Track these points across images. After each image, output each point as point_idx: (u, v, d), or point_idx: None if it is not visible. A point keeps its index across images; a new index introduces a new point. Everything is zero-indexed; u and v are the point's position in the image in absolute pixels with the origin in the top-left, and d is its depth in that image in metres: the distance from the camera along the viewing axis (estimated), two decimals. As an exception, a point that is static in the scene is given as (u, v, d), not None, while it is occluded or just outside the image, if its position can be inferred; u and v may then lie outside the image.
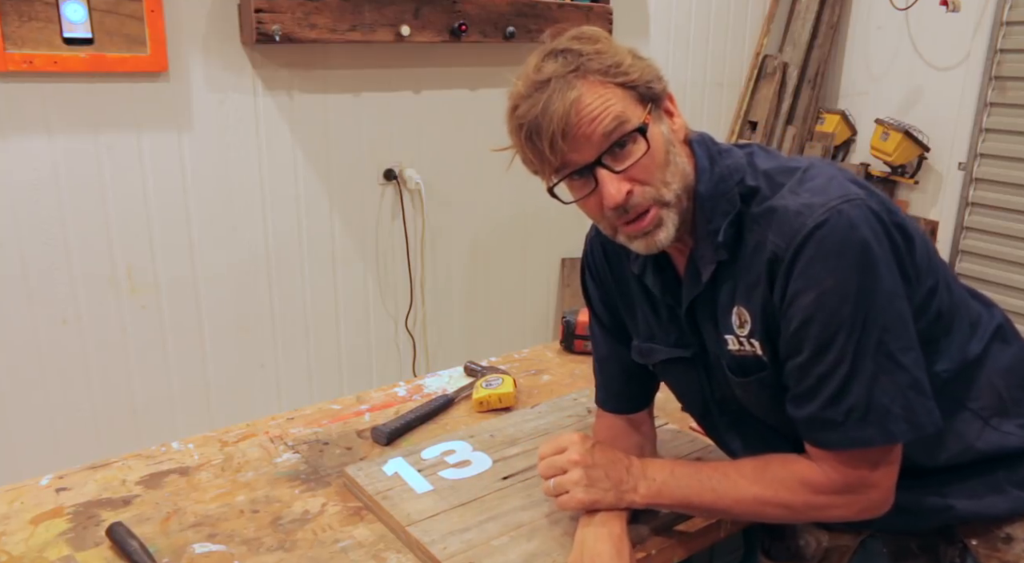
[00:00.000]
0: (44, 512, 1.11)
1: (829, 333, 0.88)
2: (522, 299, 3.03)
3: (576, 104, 0.90)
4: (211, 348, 2.36)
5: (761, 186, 0.95)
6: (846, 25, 3.42)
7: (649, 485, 1.00)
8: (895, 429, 0.88)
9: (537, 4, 2.57)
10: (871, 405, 0.88)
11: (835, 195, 0.88)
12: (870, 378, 0.87)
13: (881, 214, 0.89)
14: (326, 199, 2.47)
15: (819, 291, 0.87)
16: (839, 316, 0.87)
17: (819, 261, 0.87)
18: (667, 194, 0.94)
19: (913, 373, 0.89)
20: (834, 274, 0.86)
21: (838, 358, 0.88)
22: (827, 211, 0.87)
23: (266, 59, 2.26)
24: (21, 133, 1.97)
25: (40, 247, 2.05)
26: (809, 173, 0.93)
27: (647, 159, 0.92)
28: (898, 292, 0.88)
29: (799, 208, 0.89)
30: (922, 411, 0.89)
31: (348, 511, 1.12)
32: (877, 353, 0.87)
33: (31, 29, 1.89)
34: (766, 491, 0.95)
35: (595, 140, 0.91)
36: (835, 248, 0.86)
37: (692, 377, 1.09)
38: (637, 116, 0.92)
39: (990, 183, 3.04)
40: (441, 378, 1.57)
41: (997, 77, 2.95)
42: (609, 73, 0.91)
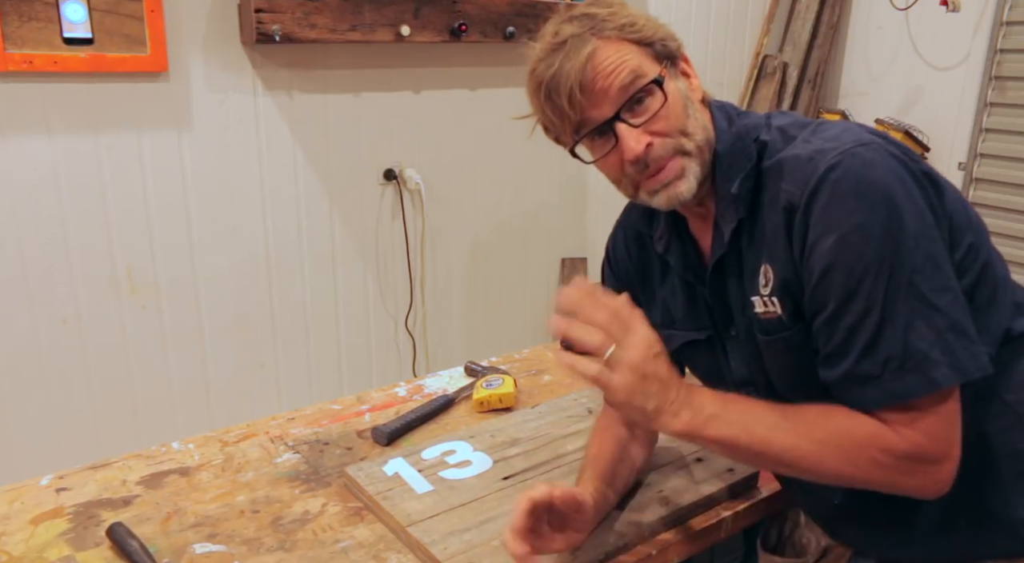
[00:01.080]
0: (44, 512, 1.11)
1: (854, 279, 0.83)
2: (522, 299, 3.03)
3: (592, 58, 0.91)
4: (211, 348, 2.36)
5: (774, 139, 0.94)
6: (846, 25, 3.41)
7: (695, 415, 0.88)
8: (937, 374, 0.82)
9: (537, 4, 2.57)
10: (908, 352, 0.82)
11: (849, 140, 0.86)
12: (904, 323, 0.82)
13: (902, 157, 0.86)
14: (326, 199, 2.47)
15: (838, 234, 0.83)
16: (863, 259, 0.82)
17: (836, 203, 0.84)
18: (688, 144, 0.94)
19: (951, 315, 0.83)
20: (853, 215, 0.82)
21: (866, 306, 0.83)
22: (840, 154, 0.84)
23: (266, 59, 2.26)
24: (21, 133, 1.97)
25: (40, 247, 2.05)
26: (824, 125, 0.92)
27: (665, 111, 0.92)
28: (927, 232, 0.83)
29: (810, 154, 0.87)
30: (965, 354, 0.83)
31: (348, 511, 1.12)
32: (909, 296, 0.82)
33: (31, 29, 1.89)
34: (829, 440, 0.86)
35: (612, 94, 0.91)
36: (852, 188, 0.83)
37: (712, 360, 1.07)
38: (653, 70, 0.93)
39: (990, 183, 3.04)
40: (441, 378, 1.57)
41: (997, 77, 2.95)
42: (624, 30, 0.93)
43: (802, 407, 0.90)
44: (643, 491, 1.13)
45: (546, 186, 2.88)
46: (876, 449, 0.85)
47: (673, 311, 1.09)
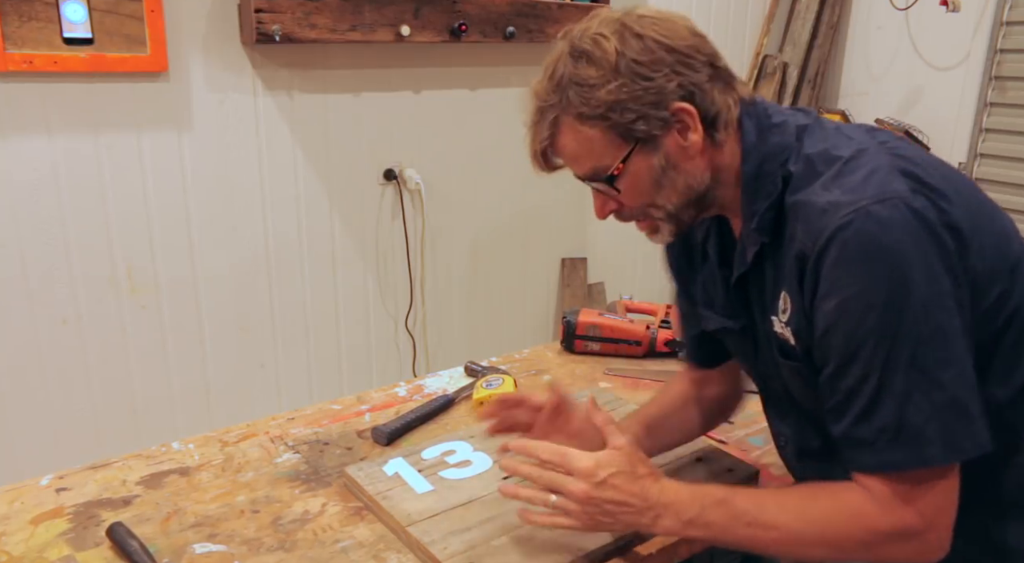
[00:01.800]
0: (44, 512, 1.11)
1: (854, 344, 0.82)
2: (522, 299, 3.03)
3: (553, 147, 0.95)
4: (211, 348, 2.36)
5: (799, 172, 0.90)
6: (846, 25, 3.41)
7: (673, 522, 0.92)
8: (930, 452, 0.81)
9: (537, 4, 2.57)
10: (902, 424, 0.81)
11: (868, 194, 0.82)
12: (901, 395, 0.81)
13: (925, 213, 0.81)
14: (326, 199, 2.47)
15: (841, 297, 0.82)
16: (864, 326, 0.81)
17: (842, 265, 0.81)
18: (656, 213, 0.96)
19: (951, 391, 0.81)
20: (858, 280, 0.81)
21: (865, 371, 0.82)
22: (853, 212, 0.81)
23: (266, 59, 2.26)
24: (21, 133, 1.97)
25: (40, 247, 2.05)
26: (851, 165, 0.86)
27: (625, 196, 0.95)
28: (939, 301, 0.80)
29: (825, 206, 0.84)
30: (962, 433, 0.81)
31: (348, 511, 1.12)
32: (910, 368, 0.80)
33: (31, 29, 1.89)
34: (811, 529, 0.87)
35: (575, 170, 0.96)
36: (859, 251, 0.80)
37: (743, 349, 1.07)
38: (613, 160, 0.92)
39: (990, 183, 3.03)
40: (441, 378, 1.57)
41: (997, 77, 2.95)
42: (585, 117, 0.91)
43: (783, 494, 0.92)
44: (643, 491, 1.13)
45: (546, 186, 2.87)
46: (860, 530, 0.85)
47: (713, 294, 1.09)
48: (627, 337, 1.65)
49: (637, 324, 1.67)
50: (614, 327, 1.66)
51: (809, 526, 0.87)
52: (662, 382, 1.54)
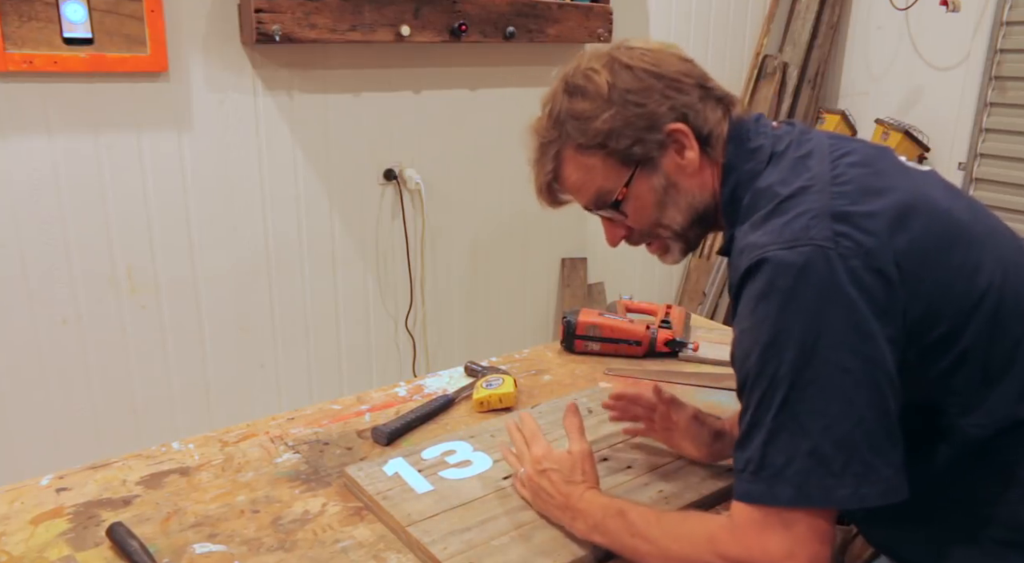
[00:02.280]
0: (44, 512, 1.11)
1: (742, 376, 0.87)
2: (522, 299, 3.03)
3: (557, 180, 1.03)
4: (211, 348, 2.36)
5: (746, 204, 0.96)
6: (846, 25, 3.42)
7: (583, 524, 1.00)
8: (780, 492, 0.82)
9: (537, 4, 2.57)
10: (763, 461, 0.84)
11: (784, 238, 0.84)
12: (768, 433, 0.83)
13: (842, 260, 0.81)
14: (326, 199, 2.47)
15: (739, 330, 0.88)
16: (748, 361, 0.85)
17: (745, 302, 0.87)
18: (664, 232, 1.02)
19: (817, 441, 0.81)
20: (751, 318, 0.85)
21: (747, 403, 0.87)
22: (762, 254, 0.85)
23: (266, 59, 2.26)
24: (21, 133, 1.97)
25: (40, 247, 2.05)
26: (784, 206, 0.89)
27: (631, 219, 1.02)
28: (825, 353, 0.80)
29: (744, 246, 0.89)
30: (816, 483, 0.81)
31: (348, 511, 1.12)
32: (781, 410, 0.82)
33: (31, 29, 1.89)
34: (675, 547, 0.90)
35: (580, 201, 1.04)
36: (756, 292, 0.84)
37: None
38: (617, 185, 0.99)
39: (990, 183, 3.04)
40: (441, 378, 1.57)
41: (997, 77, 2.95)
42: (584, 147, 0.99)
43: (669, 513, 0.99)
44: (642, 491, 1.13)
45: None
46: (711, 553, 0.87)
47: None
48: (627, 337, 1.65)
49: (637, 324, 1.67)
50: (614, 327, 1.66)
51: (674, 543, 0.91)
52: (662, 382, 1.54)
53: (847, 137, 1.01)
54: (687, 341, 1.67)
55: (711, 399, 1.46)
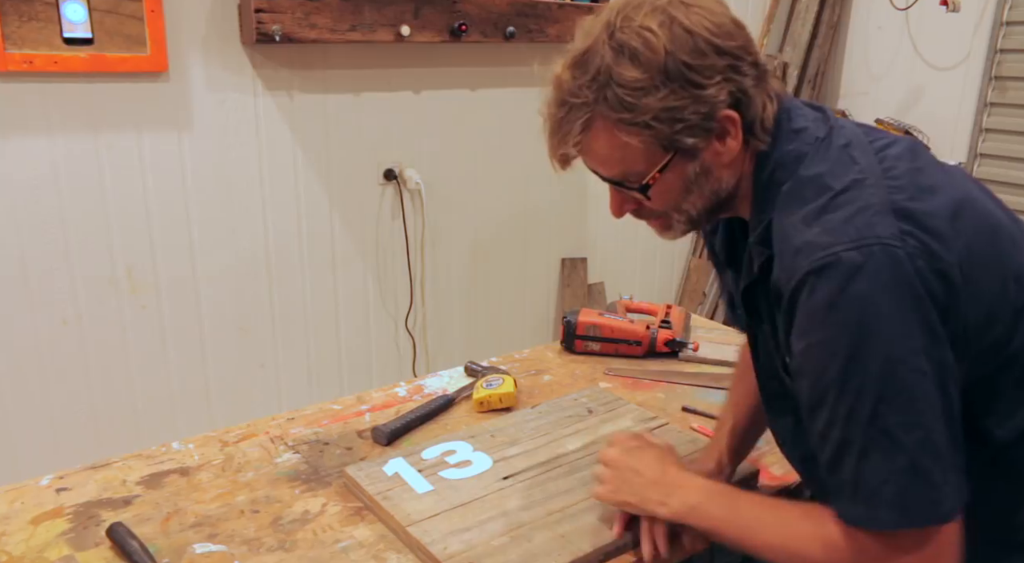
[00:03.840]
0: (44, 512, 1.11)
1: (818, 391, 0.80)
2: (522, 299, 3.03)
3: (582, 146, 0.88)
4: (211, 348, 2.36)
5: (787, 192, 0.86)
6: (846, 25, 3.41)
7: (679, 505, 0.96)
8: (883, 515, 0.78)
9: (537, 4, 2.57)
10: (858, 483, 0.79)
11: (847, 237, 0.77)
12: (860, 452, 0.78)
13: (908, 261, 0.76)
14: (326, 199, 2.47)
15: (807, 343, 0.80)
16: (827, 375, 0.78)
17: (810, 313, 0.79)
18: (677, 217, 0.93)
19: (913, 455, 0.76)
20: (824, 329, 0.78)
21: (829, 420, 0.80)
22: (827, 256, 0.77)
23: (266, 59, 2.26)
24: (21, 133, 1.97)
25: (40, 247, 2.05)
26: (839, 199, 0.81)
27: (653, 202, 0.91)
28: (908, 359, 0.76)
29: (801, 245, 0.80)
30: (918, 501, 0.77)
31: (348, 511, 1.12)
32: (870, 426, 0.77)
33: (31, 29, 1.89)
34: (790, 543, 0.87)
35: (599, 171, 0.91)
36: (827, 299, 0.77)
37: (750, 341, 1.05)
38: (649, 168, 0.87)
39: (990, 183, 3.03)
40: (441, 378, 1.57)
41: (997, 77, 2.94)
42: (625, 122, 0.83)
43: (784, 505, 0.92)
44: (643, 491, 1.13)
45: (546, 186, 2.88)
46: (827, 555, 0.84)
47: (731, 289, 1.07)
48: (627, 337, 1.65)
49: (637, 324, 1.67)
50: (614, 327, 1.66)
51: (791, 541, 0.88)
52: (662, 382, 1.55)
53: (874, 127, 0.94)
54: (687, 341, 1.67)
55: (711, 399, 1.46)
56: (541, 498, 1.11)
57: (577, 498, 1.11)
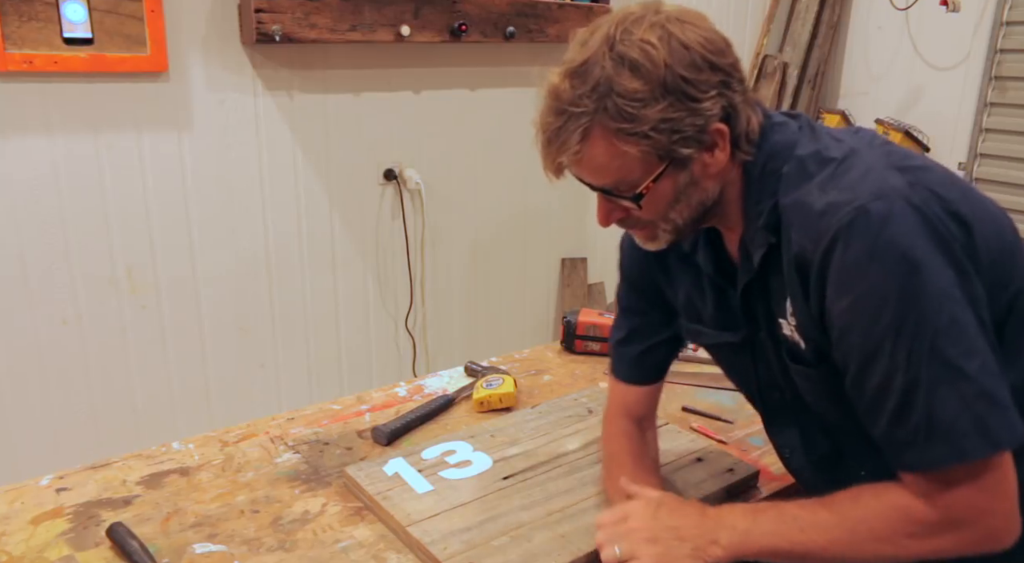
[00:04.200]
0: (44, 512, 1.11)
1: (872, 342, 0.81)
2: (522, 299, 3.03)
3: (577, 155, 0.88)
4: (211, 348, 2.36)
5: (791, 172, 0.89)
6: (846, 25, 3.41)
7: (731, 534, 0.91)
8: (968, 445, 0.79)
9: (537, 4, 2.57)
10: (933, 421, 0.80)
11: (865, 191, 0.81)
12: (928, 390, 0.79)
13: (925, 206, 0.81)
14: (326, 199, 2.47)
15: (853, 297, 0.81)
16: (880, 322, 0.80)
17: (850, 265, 0.81)
18: (663, 226, 0.94)
19: (980, 381, 0.79)
20: (868, 277, 0.80)
21: (889, 369, 0.81)
22: (854, 210, 0.80)
23: (266, 59, 2.26)
24: (21, 133, 1.97)
25: (40, 247, 2.05)
26: (844, 165, 0.86)
27: (643, 211, 0.92)
28: (950, 292, 0.79)
29: (824, 207, 0.83)
30: (997, 423, 0.79)
31: (348, 511, 1.12)
32: (932, 361, 0.79)
33: (31, 29, 1.89)
34: (860, 527, 0.86)
35: (592, 180, 0.91)
36: (865, 249, 0.79)
37: (741, 361, 1.06)
38: (643, 177, 0.88)
39: (990, 183, 3.03)
40: (441, 378, 1.57)
41: (997, 77, 2.94)
42: (624, 132, 0.85)
43: (830, 498, 0.90)
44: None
45: (546, 186, 2.86)
46: (908, 523, 0.84)
47: (701, 309, 1.07)
48: (627, 337, 1.65)
49: (637, 324, 1.67)
50: (614, 327, 1.66)
51: (859, 525, 0.86)
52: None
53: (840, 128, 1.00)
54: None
55: (711, 399, 1.47)
56: (541, 498, 1.11)
57: (577, 498, 1.11)
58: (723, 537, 0.91)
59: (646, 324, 1.16)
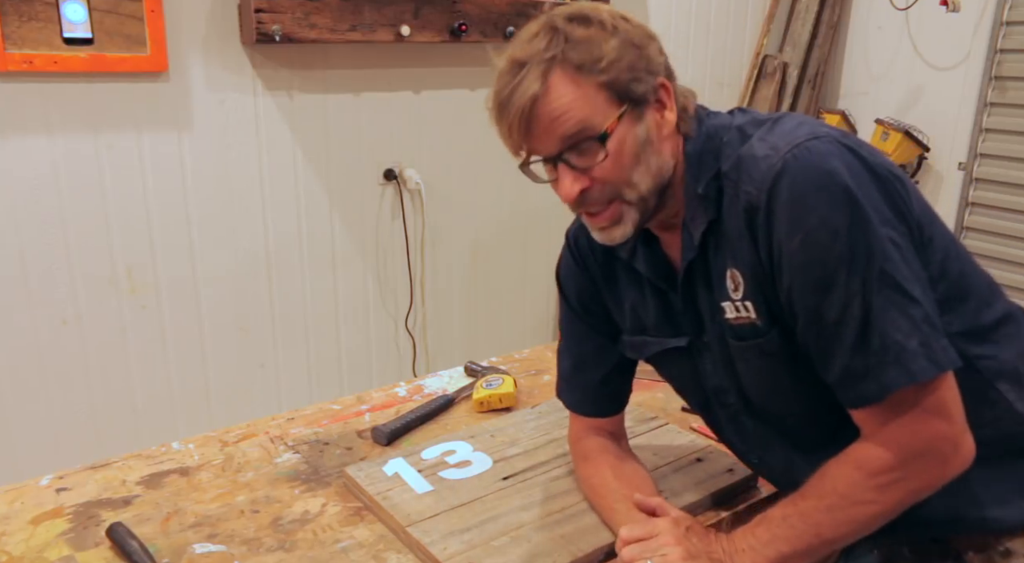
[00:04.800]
0: (44, 512, 1.11)
1: (828, 273, 0.83)
2: (522, 299, 3.03)
3: (542, 98, 0.88)
4: (211, 348, 2.36)
5: (731, 139, 0.93)
6: (846, 25, 3.41)
7: (743, 557, 0.93)
8: (914, 367, 0.81)
9: (537, 4, 2.57)
10: (887, 343, 0.82)
11: (802, 134, 0.85)
12: (880, 315, 0.82)
13: (857, 149, 0.85)
14: (326, 199, 2.47)
15: (804, 231, 0.83)
16: (833, 252, 0.82)
17: (796, 202, 0.83)
18: (629, 194, 0.93)
19: (925, 305, 0.83)
20: (816, 211, 0.82)
21: (846, 298, 0.83)
22: (794, 148, 0.84)
23: (266, 59, 2.26)
24: (21, 133, 1.97)
25: (40, 247, 2.05)
26: (780, 122, 0.91)
27: (608, 162, 0.90)
28: (889, 222, 0.83)
29: (765, 152, 0.86)
30: (939, 347, 0.82)
31: (348, 511, 1.12)
32: (883, 286, 0.82)
33: (31, 29, 1.89)
34: (836, 501, 0.88)
35: (555, 137, 0.90)
36: (810, 184, 0.82)
37: (688, 367, 1.06)
38: (605, 119, 0.89)
39: (990, 183, 3.03)
40: (441, 378, 1.57)
41: (997, 77, 2.94)
42: (585, 68, 0.88)
43: (803, 489, 0.92)
44: (643, 491, 1.13)
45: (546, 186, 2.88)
46: (871, 476, 0.86)
47: (644, 317, 1.07)
48: (627, 337, 1.65)
49: (637, 324, 1.67)
50: (614, 327, 1.66)
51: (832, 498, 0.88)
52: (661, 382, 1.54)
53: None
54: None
55: (711, 399, 1.46)
56: (541, 498, 1.11)
57: (577, 498, 1.11)
58: (738, 560, 0.93)
59: (595, 351, 1.14)
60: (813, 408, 0.96)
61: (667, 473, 1.18)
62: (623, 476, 1.09)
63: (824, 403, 0.92)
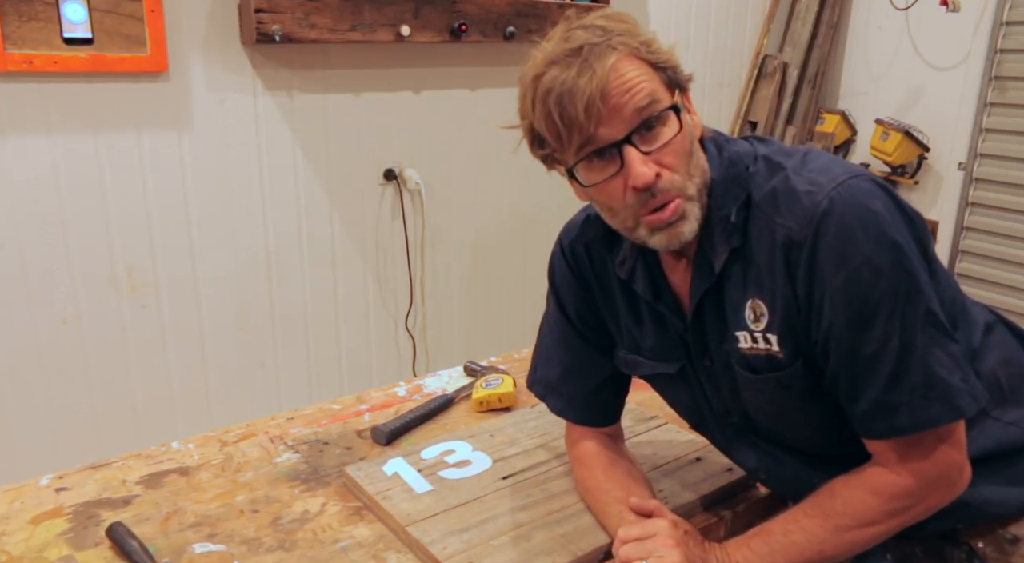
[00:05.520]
0: (44, 512, 1.11)
1: (869, 309, 0.83)
2: (522, 299, 3.03)
3: (615, 69, 0.84)
4: (211, 348, 2.36)
5: (759, 169, 0.92)
6: (846, 25, 3.42)
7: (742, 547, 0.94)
8: (962, 403, 0.84)
9: (537, 4, 2.57)
10: (932, 380, 0.83)
11: (841, 172, 0.86)
12: (924, 352, 0.83)
13: (890, 190, 0.87)
14: (326, 199, 2.47)
15: (848, 269, 0.83)
16: (876, 290, 0.83)
17: (843, 239, 0.83)
18: (690, 187, 0.90)
19: (960, 344, 0.86)
20: (861, 249, 0.82)
21: (885, 335, 0.83)
22: (839, 186, 0.84)
23: (266, 59, 2.26)
24: (21, 133, 1.97)
25: (40, 247, 2.05)
26: (809, 156, 0.91)
27: (677, 142, 0.87)
28: (922, 261, 0.85)
29: (807, 188, 0.86)
30: (974, 382, 0.85)
31: (348, 511, 1.12)
32: (926, 324, 0.83)
33: (31, 29, 1.89)
34: (847, 522, 0.89)
35: (627, 114, 0.85)
36: (856, 223, 0.83)
37: (683, 390, 1.06)
38: (667, 98, 0.88)
39: (990, 183, 3.04)
40: (441, 378, 1.57)
41: (997, 77, 2.95)
42: (640, 51, 0.87)
43: (809, 501, 0.93)
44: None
45: (546, 186, 2.87)
46: (888, 502, 0.88)
47: (639, 339, 1.06)
48: (627, 337, 1.65)
49: (637, 324, 1.67)
50: (614, 327, 1.66)
51: (842, 519, 0.89)
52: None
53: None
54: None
55: (711, 399, 1.46)
56: (541, 498, 1.11)
57: (576, 498, 1.11)
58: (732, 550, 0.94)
59: (587, 361, 1.12)
60: (821, 428, 0.97)
61: (666, 472, 1.18)
62: (616, 478, 1.08)
63: (834, 427, 0.93)
